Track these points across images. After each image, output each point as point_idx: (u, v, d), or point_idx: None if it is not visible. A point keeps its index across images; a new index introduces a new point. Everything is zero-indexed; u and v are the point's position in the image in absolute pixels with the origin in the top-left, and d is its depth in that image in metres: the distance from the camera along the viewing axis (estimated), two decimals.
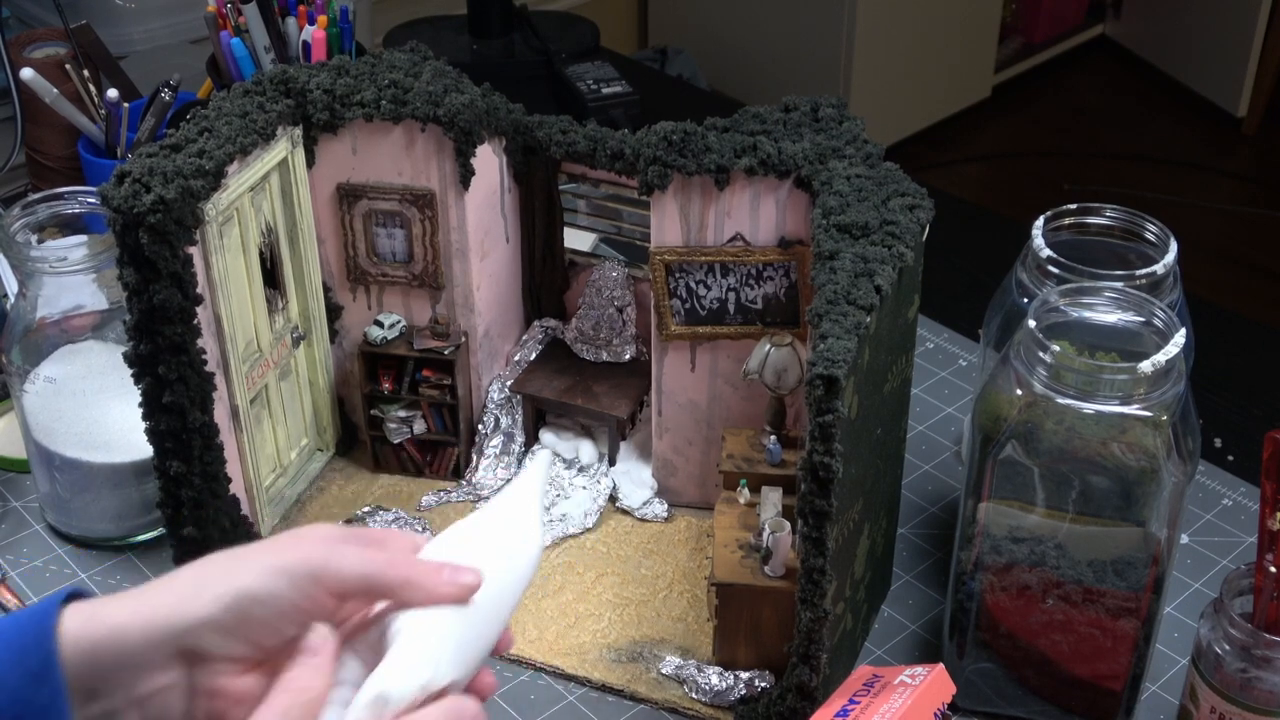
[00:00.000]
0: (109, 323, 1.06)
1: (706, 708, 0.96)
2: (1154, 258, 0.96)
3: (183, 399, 0.96)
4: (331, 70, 1.06)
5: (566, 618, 1.02)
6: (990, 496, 0.88)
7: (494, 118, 1.06)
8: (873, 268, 0.86)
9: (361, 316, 1.13)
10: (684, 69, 3.18)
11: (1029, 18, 3.71)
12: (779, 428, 1.01)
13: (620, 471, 1.13)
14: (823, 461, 0.81)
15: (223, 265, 0.97)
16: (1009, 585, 0.91)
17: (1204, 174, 3.42)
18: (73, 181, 1.35)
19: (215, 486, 1.01)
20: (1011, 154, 3.49)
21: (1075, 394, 0.83)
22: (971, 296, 1.21)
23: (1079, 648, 0.91)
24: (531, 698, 0.97)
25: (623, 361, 1.15)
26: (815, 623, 0.87)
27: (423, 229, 1.08)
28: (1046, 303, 0.89)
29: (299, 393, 1.12)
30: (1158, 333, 0.87)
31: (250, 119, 0.99)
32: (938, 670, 0.86)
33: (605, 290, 1.14)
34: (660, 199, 1.00)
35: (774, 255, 1.01)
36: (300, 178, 1.05)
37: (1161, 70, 3.71)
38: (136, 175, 0.91)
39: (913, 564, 1.08)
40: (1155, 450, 0.83)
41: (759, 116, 1.03)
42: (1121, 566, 0.88)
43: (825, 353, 0.80)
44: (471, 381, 1.13)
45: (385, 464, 1.15)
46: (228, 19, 1.35)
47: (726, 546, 0.96)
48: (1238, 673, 0.86)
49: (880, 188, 0.95)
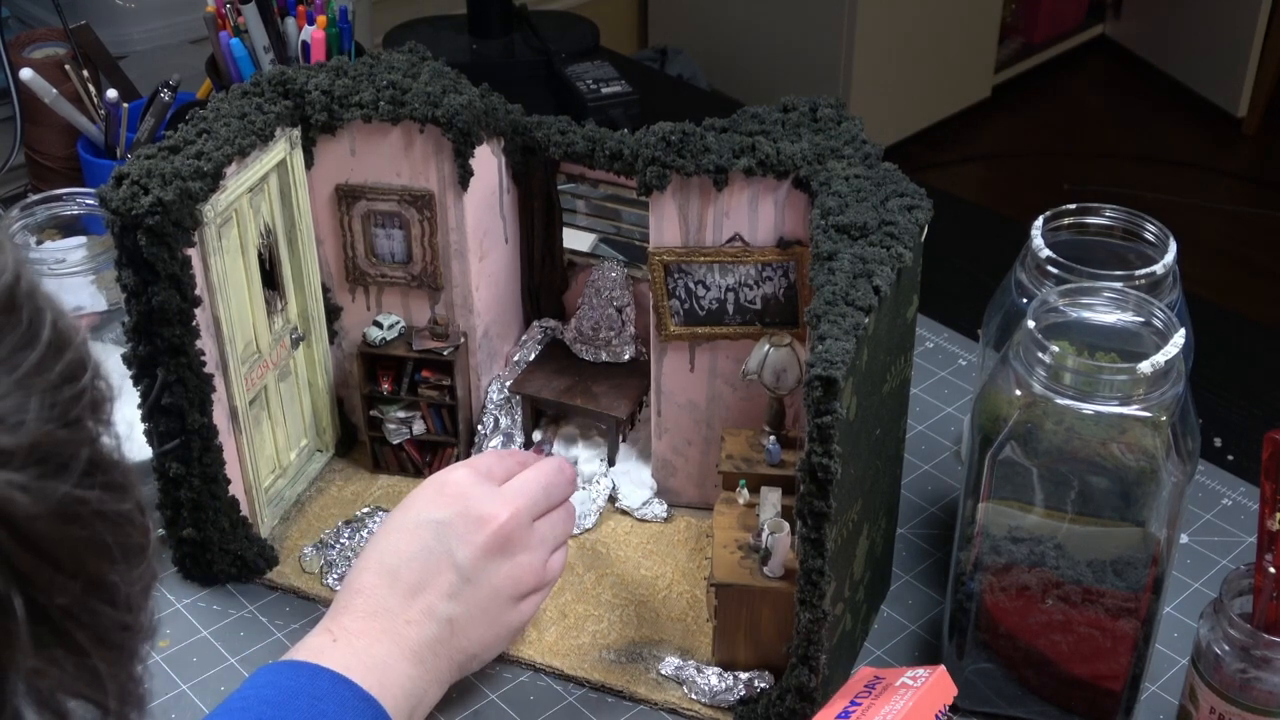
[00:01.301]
0: (108, 324, 1.06)
1: (706, 708, 0.96)
2: (1153, 258, 0.96)
3: (181, 400, 0.96)
4: (330, 71, 1.06)
5: (566, 618, 1.02)
6: (989, 497, 0.88)
7: (492, 118, 1.06)
8: (871, 268, 0.86)
9: (360, 317, 1.13)
10: (684, 69, 3.18)
11: (1029, 18, 3.71)
12: (778, 428, 1.01)
13: (619, 472, 1.13)
14: (821, 462, 0.81)
15: (221, 267, 0.97)
16: (1008, 585, 0.91)
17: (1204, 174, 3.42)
18: (72, 182, 1.35)
19: (214, 488, 1.01)
20: (1011, 154, 3.49)
21: (1074, 394, 0.83)
22: (971, 296, 1.21)
23: (1078, 648, 0.91)
24: (531, 698, 0.97)
25: (622, 362, 1.15)
26: (814, 623, 0.87)
27: (421, 230, 1.08)
28: (1046, 303, 0.89)
29: (298, 394, 1.12)
30: (1157, 333, 0.87)
31: (248, 120, 0.99)
32: (939, 672, 0.86)
33: (604, 290, 1.14)
34: (659, 199, 1.00)
35: (773, 256, 1.01)
36: (299, 179, 1.05)
37: (1161, 70, 3.71)
38: (135, 177, 0.91)
39: (912, 564, 1.08)
40: (1155, 450, 0.83)
41: (757, 117, 1.02)
42: (1121, 567, 0.88)
43: (824, 354, 0.80)
44: (471, 382, 1.13)
45: (385, 464, 1.15)
46: (227, 19, 1.35)
47: (726, 547, 0.96)
48: (1237, 673, 0.86)
49: (879, 188, 0.95)
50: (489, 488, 0.92)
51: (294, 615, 1.03)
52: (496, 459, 0.97)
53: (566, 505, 0.97)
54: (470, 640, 0.90)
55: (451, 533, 0.90)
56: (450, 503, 0.91)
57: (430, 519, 0.90)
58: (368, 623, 0.87)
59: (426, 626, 0.88)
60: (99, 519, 0.46)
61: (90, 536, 0.46)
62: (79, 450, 0.46)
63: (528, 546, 0.92)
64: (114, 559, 0.47)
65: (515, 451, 1.00)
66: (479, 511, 0.90)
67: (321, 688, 0.83)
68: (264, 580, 1.06)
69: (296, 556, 1.07)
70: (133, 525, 0.48)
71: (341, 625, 0.87)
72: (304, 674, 0.84)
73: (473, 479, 0.93)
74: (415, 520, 0.91)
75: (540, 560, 0.93)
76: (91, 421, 0.47)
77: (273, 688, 0.83)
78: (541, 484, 0.94)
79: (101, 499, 0.46)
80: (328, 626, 0.88)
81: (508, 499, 0.92)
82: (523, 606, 0.93)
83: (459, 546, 0.89)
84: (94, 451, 0.47)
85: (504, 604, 0.91)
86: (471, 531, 0.90)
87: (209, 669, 0.99)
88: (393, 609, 0.88)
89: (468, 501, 0.91)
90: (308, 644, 0.86)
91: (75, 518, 0.45)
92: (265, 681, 0.84)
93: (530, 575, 0.92)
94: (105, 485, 0.47)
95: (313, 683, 0.83)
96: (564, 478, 0.97)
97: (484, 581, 0.90)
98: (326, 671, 0.84)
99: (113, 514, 0.47)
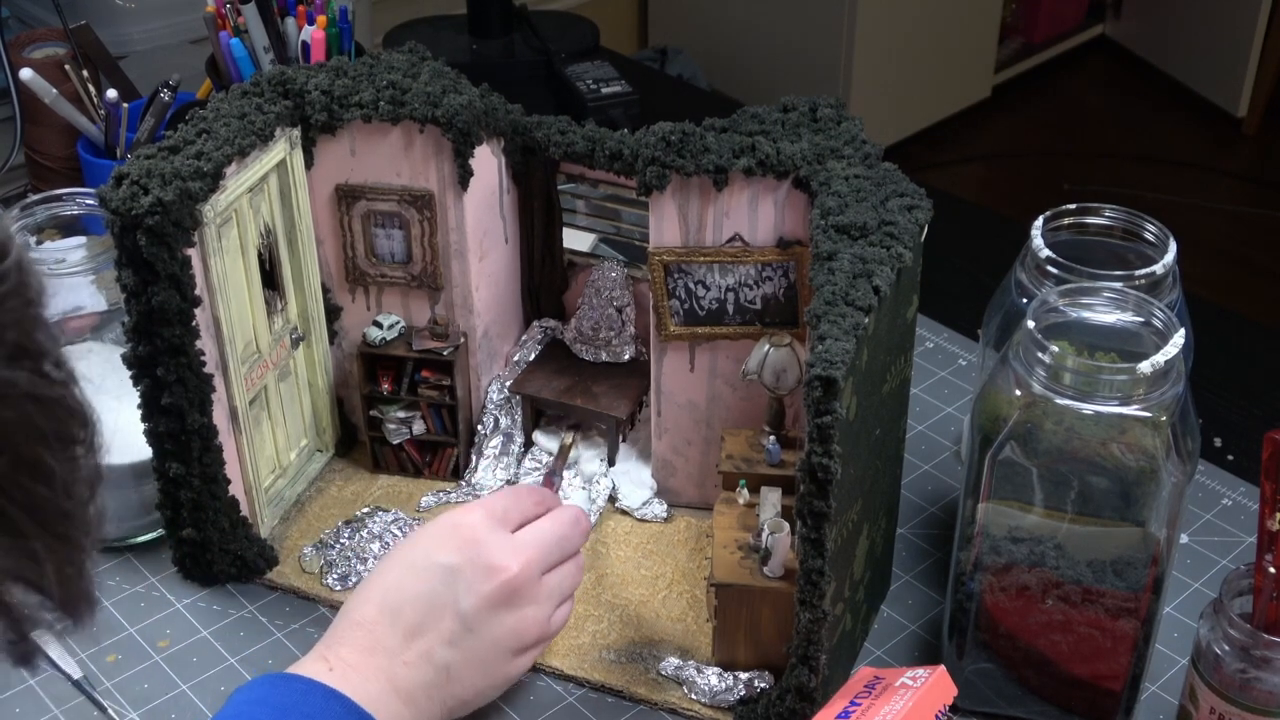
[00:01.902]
0: (108, 324, 1.06)
1: (706, 708, 0.96)
2: (1153, 258, 0.96)
3: (181, 400, 0.96)
4: (329, 71, 1.06)
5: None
6: (989, 497, 0.88)
7: (492, 118, 1.06)
8: (871, 268, 0.86)
9: (360, 317, 1.13)
10: (684, 69, 3.19)
11: (1029, 18, 3.71)
12: (778, 428, 1.01)
13: (619, 472, 1.13)
14: (821, 463, 0.81)
15: (221, 267, 0.97)
16: (1008, 585, 0.91)
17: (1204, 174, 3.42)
18: (72, 182, 1.35)
19: (214, 488, 1.01)
20: (1011, 154, 3.49)
21: (1074, 394, 0.83)
22: (971, 296, 1.21)
23: (1078, 648, 0.91)
24: (531, 698, 0.97)
25: (622, 362, 1.15)
26: (814, 623, 0.87)
27: (421, 230, 1.08)
28: (1045, 303, 0.89)
29: (298, 394, 1.12)
30: (1157, 333, 0.87)
31: (248, 120, 0.99)
32: (939, 672, 0.86)
33: (604, 290, 1.14)
34: (659, 199, 1.00)
35: (773, 255, 1.01)
36: (299, 179, 1.05)
37: (1161, 70, 3.71)
38: (135, 177, 0.91)
39: (912, 564, 1.08)
40: (1154, 450, 0.83)
41: (757, 117, 1.02)
42: (1121, 567, 0.88)
43: (823, 354, 0.80)
44: (470, 382, 1.13)
45: (384, 465, 1.15)
46: (227, 19, 1.35)
47: (725, 547, 0.96)
48: (1237, 673, 0.86)
49: (879, 188, 0.95)
50: (502, 535, 0.91)
51: (294, 615, 1.03)
52: (514, 499, 0.95)
53: (577, 558, 0.95)
54: (464, 688, 0.89)
55: (460, 580, 0.88)
56: (462, 547, 0.89)
57: (439, 563, 0.89)
58: (364, 658, 0.86)
59: (423, 670, 0.87)
60: (30, 401, 0.49)
61: (19, 417, 0.48)
62: (4, 334, 0.48)
63: (535, 600, 0.91)
64: (47, 442, 0.49)
65: (534, 489, 0.98)
66: (489, 561, 0.89)
67: (314, 705, 0.82)
68: (264, 580, 1.06)
69: (296, 556, 1.07)
70: (68, 413, 0.51)
71: (339, 655, 0.86)
72: (295, 690, 0.83)
73: (487, 525, 0.91)
74: (425, 561, 0.89)
75: (545, 615, 0.92)
76: (18, 305, 0.49)
77: (264, 705, 0.83)
78: (556, 535, 0.93)
79: (33, 382, 0.49)
80: (324, 654, 0.87)
81: (519, 549, 0.90)
82: (521, 660, 0.92)
83: (465, 595, 0.88)
84: (22, 336, 0.49)
85: (503, 656, 0.90)
86: (480, 581, 0.89)
87: (209, 669, 0.99)
88: (391, 648, 0.87)
89: (479, 549, 0.89)
90: (304, 667, 0.86)
91: (2, 398, 0.48)
92: (257, 697, 0.83)
93: (534, 629, 0.91)
94: (36, 370, 0.49)
95: (305, 699, 0.83)
96: (579, 530, 0.95)
97: (485, 633, 0.89)
98: (319, 687, 0.83)
99: (46, 398, 0.49)
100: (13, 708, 0.96)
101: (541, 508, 0.95)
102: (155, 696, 0.97)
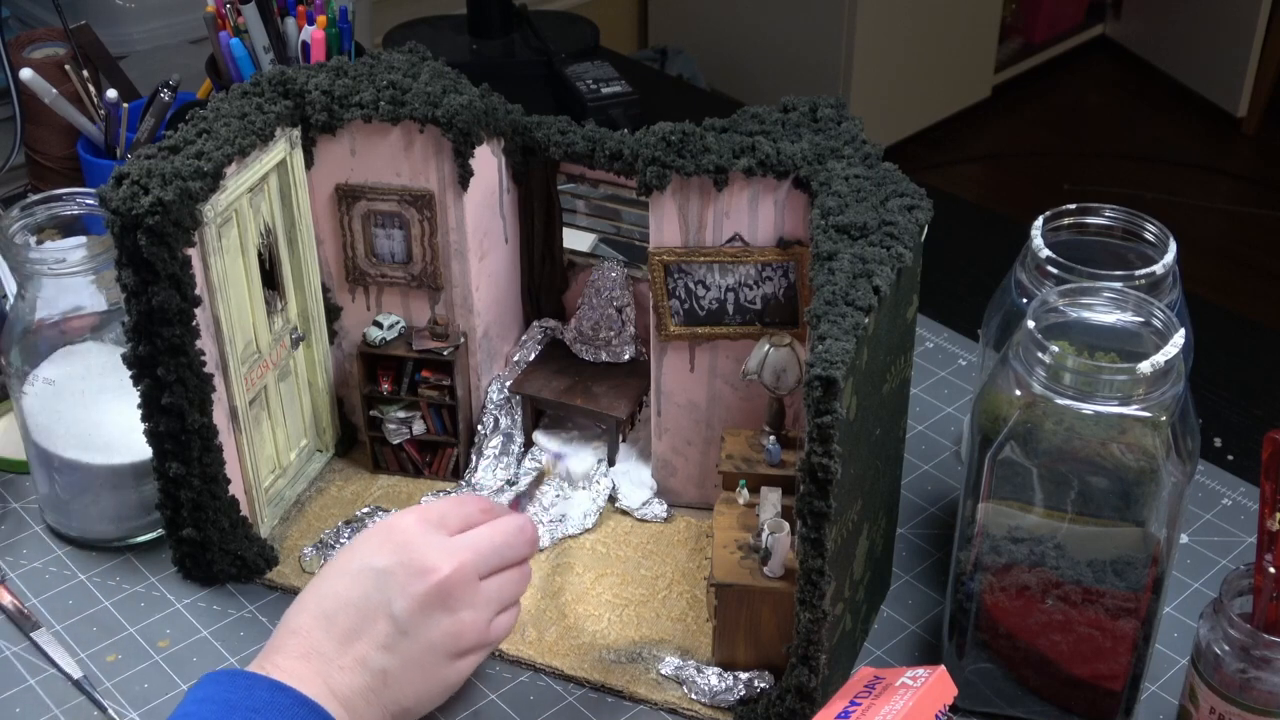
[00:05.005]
0: (108, 324, 1.06)
1: (706, 708, 0.96)
2: (1153, 258, 0.96)
3: (181, 400, 0.96)
4: (329, 71, 1.06)
5: (566, 619, 1.02)
6: (989, 497, 0.88)
7: (492, 118, 1.06)
8: (871, 268, 0.86)
9: (360, 317, 1.13)
10: (684, 69, 3.19)
11: (1029, 18, 3.72)
12: (778, 428, 1.01)
13: (619, 472, 1.13)
14: (821, 463, 0.81)
15: (221, 267, 0.97)
16: (1008, 585, 0.91)
17: (1204, 174, 3.42)
18: (72, 182, 1.35)
19: (214, 488, 1.01)
20: (1011, 154, 3.49)
21: (1074, 394, 0.83)
22: (971, 296, 1.21)
23: (1078, 648, 0.91)
24: (531, 698, 0.97)
25: (622, 362, 1.15)
26: (814, 623, 0.87)
27: (421, 230, 1.08)
28: (1045, 303, 0.89)
29: (298, 394, 1.12)
30: (1157, 333, 0.87)
31: (248, 120, 0.99)
32: (939, 672, 0.86)
33: (604, 291, 1.14)
34: (659, 199, 1.00)
35: (773, 255, 1.01)
36: (299, 179, 1.05)
37: (1161, 70, 3.71)
38: (135, 177, 0.91)
39: (912, 564, 1.08)
40: (1154, 450, 0.83)
41: (757, 117, 1.03)
42: (1121, 567, 0.88)
43: (823, 354, 0.80)
44: (470, 382, 1.13)
45: (384, 465, 1.15)
46: (227, 19, 1.35)
47: (726, 547, 0.96)
48: (1237, 673, 0.86)
49: (879, 188, 0.95)
50: (437, 538, 0.90)
51: None
52: (454, 505, 0.94)
53: (522, 567, 0.94)
54: (404, 694, 0.88)
55: (392, 582, 0.88)
56: (394, 551, 0.89)
57: (371, 566, 0.89)
58: (300, 664, 0.86)
59: (358, 675, 0.87)
60: None
61: None
62: None
63: (471, 604, 0.90)
64: None
65: (480, 498, 0.97)
66: (421, 563, 0.88)
67: (260, 698, 0.83)
68: (264, 580, 1.06)
69: (296, 556, 1.07)
70: None
71: (275, 663, 0.86)
72: (240, 685, 0.84)
73: (420, 528, 0.90)
74: (358, 565, 0.89)
75: (484, 620, 0.91)
76: None
77: (210, 702, 0.83)
78: (495, 542, 0.92)
79: None
80: (261, 663, 0.87)
81: (455, 552, 0.90)
82: (460, 664, 0.91)
83: (397, 597, 0.88)
84: None
85: (440, 659, 0.89)
86: (411, 582, 0.88)
87: (209, 669, 0.99)
88: (326, 653, 0.87)
89: (411, 551, 0.89)
90: None
91: None
92: (204, 695, 0.84)
93: (471, 633, 0.90)
94: None
95: (250, 694, 0.83)
96: (523, 538, 0.94)
97: (421, 635, 0.88)
98: (264, 680, 0.84)
99: None
100: (13, 708, 0.96)
101: (487, 515, 0.94)
102: (155, 696, 0.97)
